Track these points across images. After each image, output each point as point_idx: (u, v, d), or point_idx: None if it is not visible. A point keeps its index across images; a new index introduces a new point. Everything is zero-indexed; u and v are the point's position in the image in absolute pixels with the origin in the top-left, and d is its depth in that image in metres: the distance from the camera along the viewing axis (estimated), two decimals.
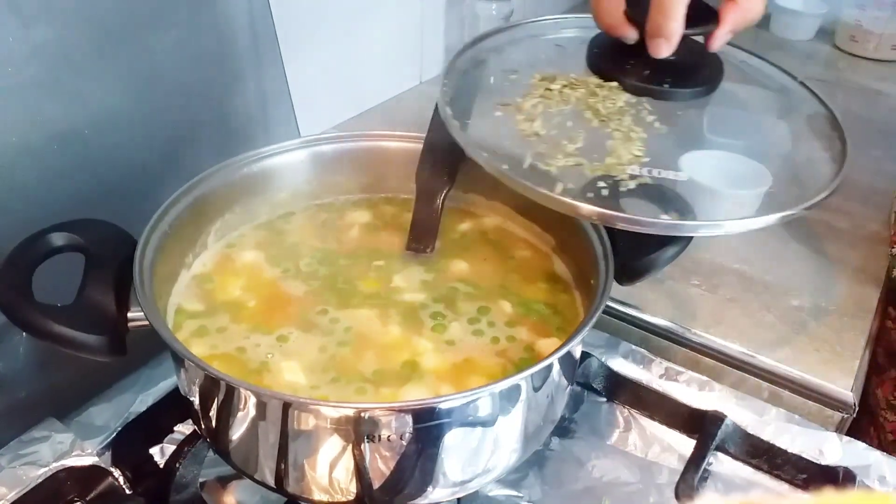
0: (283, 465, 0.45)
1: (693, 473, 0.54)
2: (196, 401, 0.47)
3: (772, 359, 0.64)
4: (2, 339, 0.54)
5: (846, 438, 0.58)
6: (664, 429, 0.59)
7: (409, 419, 0.42)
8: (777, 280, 0.73)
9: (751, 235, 0.78)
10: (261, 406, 0.43)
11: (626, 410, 0.61)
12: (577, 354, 0.53)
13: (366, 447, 0.42)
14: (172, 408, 0.56)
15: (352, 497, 0.46)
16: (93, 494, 0.52)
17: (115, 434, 0.56)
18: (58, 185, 0.56)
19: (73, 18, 0.54)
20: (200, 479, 0.54)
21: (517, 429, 0.47)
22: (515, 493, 0.54)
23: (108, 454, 0.55)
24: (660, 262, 0.51)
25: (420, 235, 0.57)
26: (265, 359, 0.49)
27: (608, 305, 0.57)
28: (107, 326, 0.45)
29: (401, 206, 0.63)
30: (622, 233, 0.52)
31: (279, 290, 0.55)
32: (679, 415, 0.59)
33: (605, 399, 0.62)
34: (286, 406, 0.42)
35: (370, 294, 0.54)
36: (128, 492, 0.53)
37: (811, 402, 0.63)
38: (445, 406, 0.42)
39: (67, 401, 0.58)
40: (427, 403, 0.43)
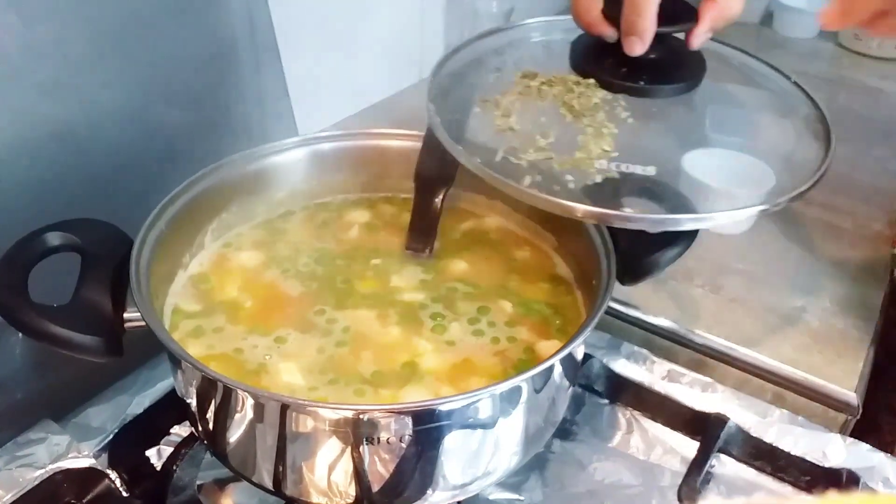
0: (282, 468, 0.45)
1: (696, 476, 0.54)
2: (193, 402, 0.47)
3: (775, 360, 0.64)
4: None
5: (850, 440, 0.57)
6: (667, 431, 0.59)
7: (409, 421, 0.41)
8: (780, 281, 0.72)
9: (753, 236, 0.78)
10: (258, 408, 0.43)
11: (629, 412, 0.61)
12: (579, 356, 0.53)
13: (365, 449, 0.42)
14: (169, 409, 0.56)
15: (351, 500, 0.45)
16: (89, 497, 0.52)
17: (112, 436, 0.55)
18: (54, 185, 0.56)
19: (71, 18, 0.54)
20: (198, 482, 0.53)
21: (518, 431, 0.46)
22: (516, 496, 0.54)
23: (105, 456, 0.54)
24: (662, 263, 0.51)
25: (419, 236, 0.57)
26: (263, 360, 0.49)
27: (610, 306, 0.57)
28: (103, 327, 0.45)
29: (400, 206, 0.62)
30: (624, 233, 0.51)
31: (277, 291, 0.54)
32: (681, 416, 0.59)
33: (607, 401, 0.61)
34: (284, 408, 0.42)
35: (369, 294, 0.54)
36: (124, 494, 0.52)
37: (815, 404, 0.62)
38: (445, 408, 0.42)
39: (64, 402, 0.58)
40: (427, 405, 0.43)
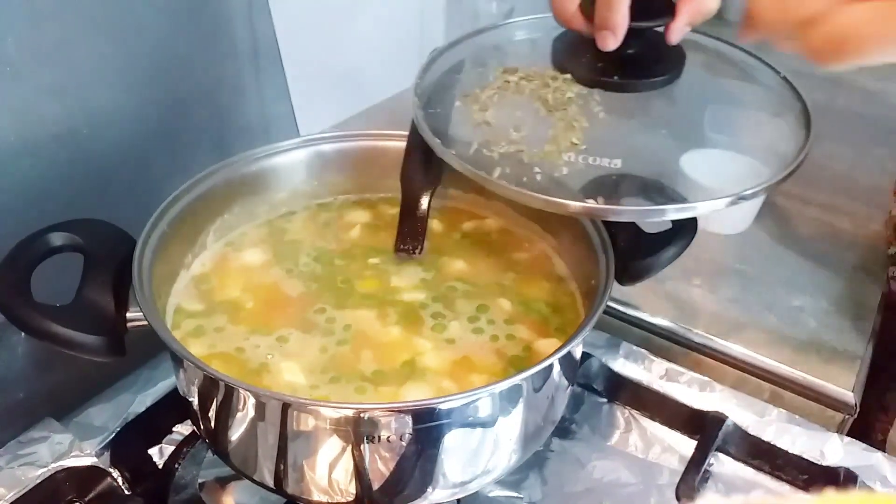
0: (283, 466, 0.45)
1: (694, 474, 0.54)
2: (195, 401, 0.47)
3: (773, 359, 0.64)
4: (0, 340, 0.54)
5: (847, 439, 0.57)
6: (665, 429, 0.59)
7: (409, 420, 0.42)
8: (778, 280, 0.73)
9: (751, 236, 0.79)
10: (260, 407, 0.43)
11: (627, 411, 0.61)
12: (578, 355, 0.53)
13: (365, 448, 0.42)
14: (171, 408, 0.56)
15: (351, 498, 0.45)
16: (91, 495, 0.52)
17: (114, 434, 0.56)
18: (56, 185, 0.56)
19: (74, 20, 0.54)
20: (199, 480, 0.54)
21: (517, 429, 0.47)
22: (515, 494, 0.54)
23: (107, 455, 0.55)
24: (661, 263, 0.51)
25: (407, 237, 0.57)
26: (265, 359, 0.49)
27: (609, 306, 0.57)
28: (105, 326, 0.45)
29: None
30: (623, 233, 0.52)
31: (279, 290, 0.54)
32: (680, 415, 0.59)
33: (606, 400, 0.62)
34: (285, 407, 0.42)
35: (370, 294, 0.54)
36: (126, 492, 0.53)
37: (812, 403, 0.63)
38: (445, 406, 0.42)
39: (66, 401, 0.58)
40: (427, 404, 0.43)
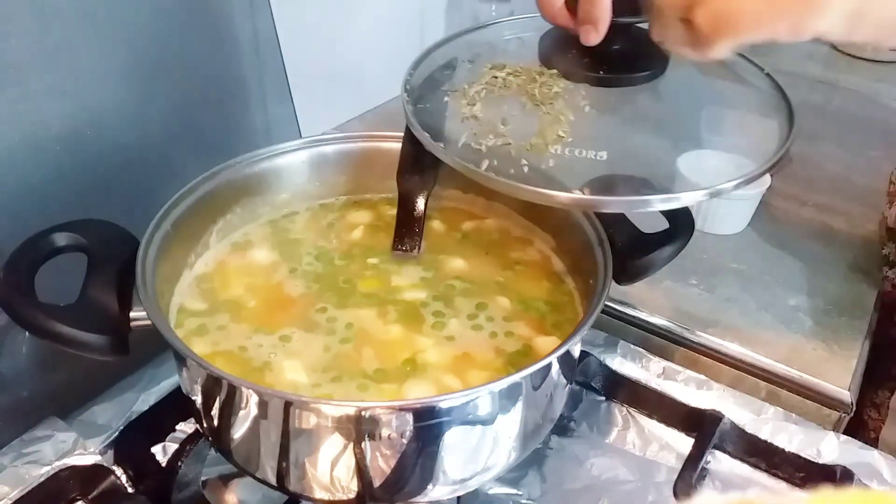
0: (285, 464, 0.45)
1: (691, 472, 0.54)
2: (198, 400, 0.47)
3: (769, 358, 0.65)
4: (4, 339, 0.55)
5: (843, 437, 0.58)
6: (662, 427, 0.60)
7: (410, 418, 0.42)
8: (774, 280, 0.73)
9: (747, 236, 0.79)
10: (262, 405, 0.43)
11: (625, 409, 0.61)
12: (576, 353, 0.53)
13: (366, 445, 0.43)
14: (174, 407, 0.57)
15: (353, 495, 0.46)
16: (95, 493, 0.53)
17: (118, 433, 0.56)
18: (60, 186, 0.56)
19: (77, 23, 0.54)
20: (202, 478, 0.54)
21: (516, 427, 0.47)
22: (515, 492, 0.54)
23: (111, 453, 0.55)
24: (658, 262, 0.52)
25: (405, 237, 0.58)
26: (267, 358, 0.49)
27: (607, 305, 0.58)
28: (109, 326, 0.45)
29: None
30: (621, 232, 0.52)
31: (281, 290, 0.55)
32: (677, 413, 0.60)
33: (604, 398, 0.62)
34: (287, 405, 0.42)
35: (371, 293, 0.55)
36: (130, 490, 0.53)
37: (809, 402, 0.63)
38: (445, 405, 0.43)
39: (70, 400, 0.58)
40: (427, 402, 0.43)
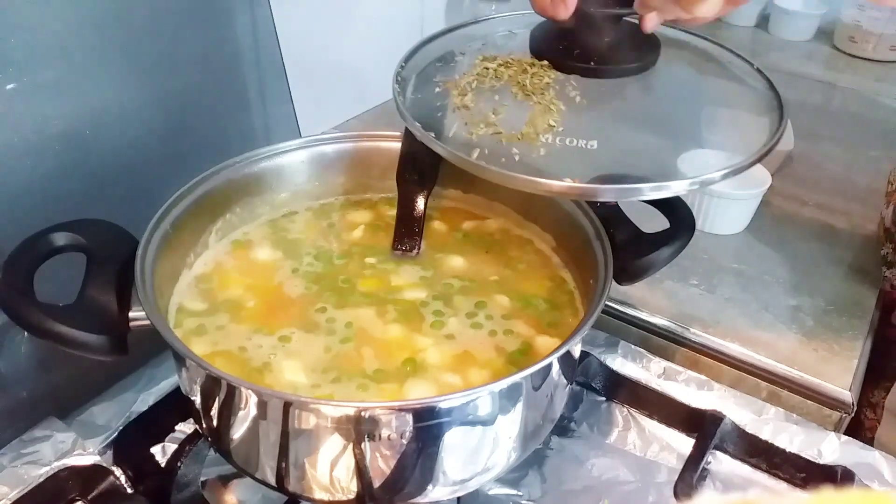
0: (284, 464, 0.45)
1: (692, 472, 0.54)
2: (197, 400, 0.47)
3: (770, 358, 0.65)
4: (3, 339, 0.55)
5: (844, 438, 0.58)
6: (663, 428, 0.60)
7: (409, 418, 0.42)
8: (775, 280, 0.73)
9: (748, 236, 0.79)
10: (262, 405, 0.43)
11: (626, 409, 0.61)
12: (577, 353, 0.53)
13: (366, 446, 0.43)
14: (174, 407, 0.57)
15: (352, 496, 0.46)
16: (94, 493, 0.53)
17: (117, 433, 0.56)
18: (59, 186, 0.56)
19: (76, 21, 0.54)
20: (202, 478, 0.54)
21: (517, 427, 0.47)
22: (515, 492, 0.54)
23: (110, 453, 0.55)
24: (659, 262, 0.51)
25: (404, 237, 0.58)
26: (267, 358, 0.49)
27: (607, 305, 0.58)
28: (108, 326, 0.45)
29: None
30: (621, 232, 0.52)
31: (281, 290, 0.55)
32: (678, 414, 0.60)
33: (605, 398, 0.62)
34: (287, 405, 0.42)
35: (370, 293, 0.55)
36: (129, 491, 0.53)
37: (809, 402, 0.63)
38: (445, 405, 0.43)
39: (69, 400, 0.58)
40: (427, 402, 0.43)
